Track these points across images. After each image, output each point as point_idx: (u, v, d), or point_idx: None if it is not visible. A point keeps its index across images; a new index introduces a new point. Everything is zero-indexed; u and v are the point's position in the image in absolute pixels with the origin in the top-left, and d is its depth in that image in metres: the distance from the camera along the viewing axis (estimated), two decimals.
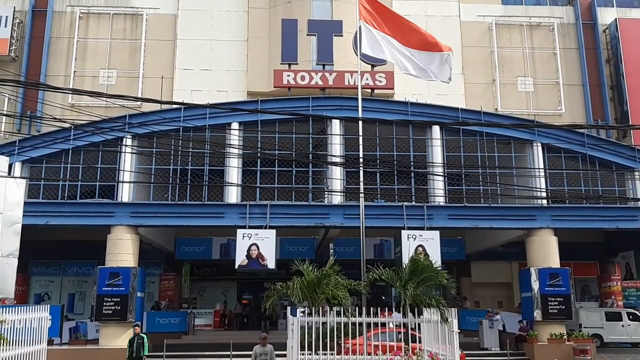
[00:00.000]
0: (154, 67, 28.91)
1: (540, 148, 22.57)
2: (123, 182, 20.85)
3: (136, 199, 21.54)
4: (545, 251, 21.73)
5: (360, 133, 19.24)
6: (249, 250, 20.51)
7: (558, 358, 20.39)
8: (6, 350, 13.27)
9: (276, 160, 21.55)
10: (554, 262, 21.71)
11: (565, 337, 21.03)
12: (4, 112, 24.64)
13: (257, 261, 20.59)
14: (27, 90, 25.64)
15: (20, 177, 18.73)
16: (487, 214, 21.83)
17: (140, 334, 16.38)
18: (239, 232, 20.60)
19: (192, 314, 27.78)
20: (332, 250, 25.21)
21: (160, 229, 23.56)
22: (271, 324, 29.15)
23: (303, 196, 22.35)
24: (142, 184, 21.95)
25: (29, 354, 14.20)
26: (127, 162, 21.23)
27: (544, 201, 22.29)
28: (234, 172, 21.49)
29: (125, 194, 21.29)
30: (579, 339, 21.24)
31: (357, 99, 20.29)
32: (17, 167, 21.08)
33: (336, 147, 21.65)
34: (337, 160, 21.20)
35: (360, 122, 19.23)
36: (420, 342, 13.94)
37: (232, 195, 21.51)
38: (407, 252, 19.38)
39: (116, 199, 21.26)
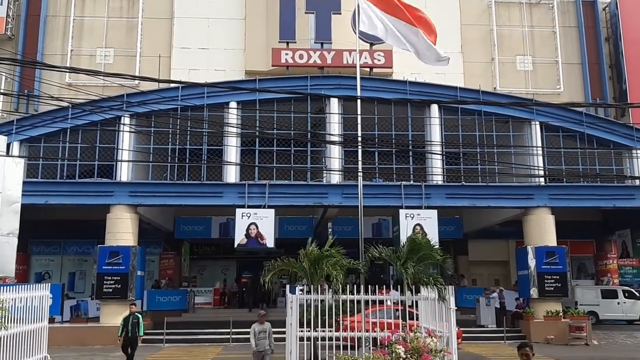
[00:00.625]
0: (151, 46, 28.64)
1: (538, 127, 22.53)
2: (122, 161, 20.80)
3: (135, 178, 21.53)
4: (542, 230, 21.83)
5: (359, 112, 19.17)
6: (248, 229, 20.58)
7: (554, 335, 20.62)
8: (8, 327, 13.37)
9: (274, 140, 21.49)
10: (551, 240, 21.82)
11: (561, 314, 21.24)
12: (1, 91, 24.45)
13: (256, 240, 20.67)
14: (24, 69, 25.44)
15: (19, 157, 18.70)
16: (484, 193, 21.87)
17: (136, 313, 15.72)
18: (238, 211, 20.64)
19: (192, 292, 27.99)
20: (330, 230, 25.30)
21: (160, 208, 23.60)
22: (270, 302, 29.40)
23: (302, 176, 22.35)
24: (140, 163, 21.91)
25: (31, 331, 14.31)
26: (126, 141, 21.17)
27: (542, 180, 22.34)
28: (232, 151, 21.46)
29: (124, 173, 21.28)
30: (575, 316, 21.46)
31: (355, 78, 20.14)
32: (16, 146, 21.02)
33: (335, 127, 21.58)
34: (336, 139, 21.14)
35: (358, 101, 19.15)
36: (417, 319, 14.05)
37: (231, 174, 21.50)
38: (405, 231, 19.46)
39: (115, 179, 21.25)
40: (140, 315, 15.64)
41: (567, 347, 19.82)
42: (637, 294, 26.82)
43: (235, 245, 20.84)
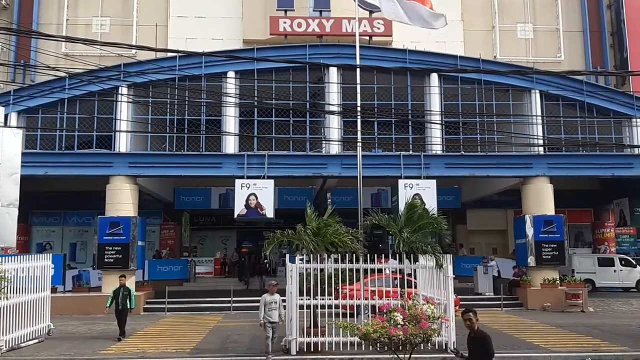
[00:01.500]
0: (147, 15, 28.27)
1: (538, 96, 22.41)
2: (120, 131, 20.73)
3: (134, 149, 21.49)
4: (541, 199, 21.91)
5: (358, 81, 19.05)
6: (247, 200, 20.64)
7: (550, 302, 20.88)
8: (11, 297, 13.54)
9: (273, 110, 21.38)
10: (549, 209, 21.92)
11: (557, 282, 21.47)
12: None
13: (255, 211, 20.75)
14: (20, 39, 25.14)
15: (17, 127, 18.62)
16: (483, 162, 21.88)
17: (127, 286, 15.40)
18: (237, 182, 20.68)
19: (192, 262, 28.25)
20: (329, 200, 25.38)
21: (159, 179, 23.63)
22: (270, 273, 29.69)
23: (301, 146, 22.31)
24: (139, 134, 21.85)
25: (34, 300, 14.51)
26: (124, 112, 21.07)
27: (541, 149, 22.32)
28: (231, 122, 21.37)
29: (123, 144, 21.23)
30: (571, 284, 21.70)
31: (354, 46, 20.01)
32: (13, 117, 20.91)
33: (334, 96, 21.45)
34: (335, 109, 21.04)
35: (358, 70, 19.02)
36: (415, 287, 14.22)
37: (230, 145, 21.46)
38: (404, 201, 19.47)
39: (114, 150, 21.21)
40: (131, 288, 15.34)
41: (563, 314, 20.09)
42: (634, 262, 27.09)
43: (235, 216, 20.93)
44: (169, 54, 21.43)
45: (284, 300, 13.36)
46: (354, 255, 13.63)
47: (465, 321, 6.88)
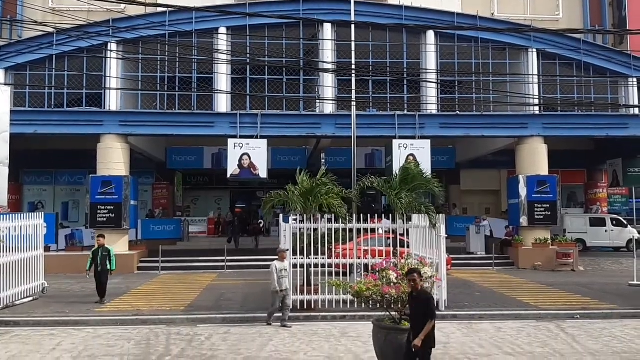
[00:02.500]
0: None
1: (535, 54, 22.20)
2: (110, 89, 20.46)
3: (124, 107, 21.26)
4: (535, 159, 21.98)
5: (353, 38, 18.79)
6: (240, 160, 20.60)
7: (541, 262, 21.21)
8: (5, 255, 13.60)
9: (266, 68, 21.11)
10: (543, 169, 22.03)
11: (549, 241, 21.75)
12: None
13: (249, 171, 20.74)
14: None
15: (5, 84, 18.33)
16: (478, 122, 21.83)
17: (106, 246, 14.54)
18: (230, 141, 20.58)
19: (186, 222, 28.40)
20: (323, 160, 25.38)
21: (151, 138, 23.48)
22: (265, 232, 29.90)
23: (294, 106, 22.13)
24: (129, 91, 21.58)
25: (27, 259, 14.59)
26: (114, 69, 20.76)
27: (536, 109, 22.26)
28: (223, 79, 21.12)
29: (113, 102, 20.99)
30: (563, 244, 21.99)
31: (349, 2, 19.64)
32: (1, 74, 20.57)
33: (328, 54, 21.18)
34: (329, 67, 20.80)
35: (352, 27, 18.72)
36: (408, 247, 14.38)
37: (222, 104, 21.27)
38: (398, 162, 19.53)
39: (104, 108, 20.98)
40: (111, 248, 14.58)
41: (553, 272, 20.43)
42: (625, 222, 27.44)
43: (228, 176, 20.91)
44: (159, 9, 20.99)
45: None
46: (348, 215, 13.71)
47: (410, 281, 7.06)
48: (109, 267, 14.27)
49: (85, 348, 10.09)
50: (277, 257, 12.25)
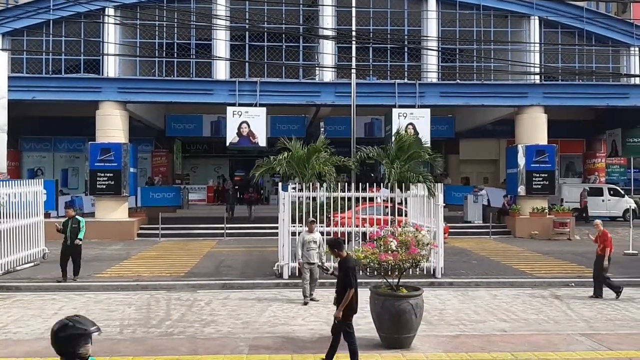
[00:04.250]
0: None
1: (537, 22, 21.93)
2: (108, 55, 20.24)
3: (122, 74, 21.08)
4: (534, 128, 21.92)
5: (354, 4, 18.52)
6: (239, 128, 20.53)
7: (538, 230, 21.35)
8: (5, 221, 13.67)
9: (265, 35, 20.86)
10: (542, 139, 21.99)
11: (546, 211, 21.86)
12: None
13: (248, 139, 20.70)
14: None
15: (2, 50, 18.13)
16: (478, 91, 21.71)
17: (77, 217, 13.13)
18: (229, 109, 20.48)
19: (185, 190, 28.44)
20: (322, 129, 25.27)
21: (150, 105, 23.37)
22: (264, 200, 29.99)
23: (294, 73, 21.95)
24: (128, 58, 21.36)
25: (27, 225, 14.66)
26: (112, 35, 20.51)
27: (537, 78, 22.09)
28: (222, 46, 20.89)
29: (112, 69, 20.80)
30: (560, 213, 22.11)
31: None
32: None
33: (328, 20, 20.91)
34: (329, 34, 20.54)
35: None
36: (406, 215, 14.46)
37: (221, 71, 21.09)
38: (397, 131, 19.48)
39: (102, 74, 20.80)
40: (81, 219, 13.14)
41: (549, 241, 20.59)
42: (622, 192, 27.51)
43: (227, 144, 20.89)
44: None
45: (276, 228, 13.57)
46: (346, 184, 13.76)
47: (330, 253, 7.59)
48: (80, 240, 12.89)
49: (86, 313, 10.20)
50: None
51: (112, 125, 20.66)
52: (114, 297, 11.51)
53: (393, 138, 14.77)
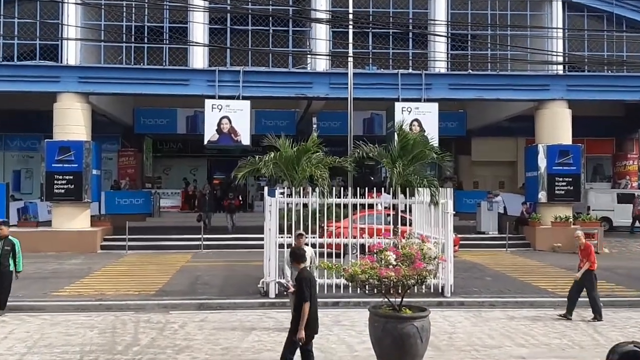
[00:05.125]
0: None
1: (559, 5, 22.06)
2: (68, 39, 20.18)
3: (85, 61, 21.02)
4: (557, 126, 22.03)
5: None
6: (219, 123, 20.52)
7: (561, 243, 21.39)
8: None
9: (249, 17, 20.87)
10: (566, 138, 22.10)
11: (570, 220, 21.95)
12: None
13: (229, 136, 20.68)
14: None
15: None
16: (493, 83, 21.80)
17: (10, 238, 11.83)
18: (208, 102, 20.46)
19: (156, 195, 28.34)
20: (315, 125, 25.28)
21: (116, 98, 23.31)
22: (247, 207, 29.89)
23: (282, 62, 21.97)
24: (91, 43, 21.31)
25: None
26: (72, 16, 20.43)
27: (560, 69, 22.21)
28: (199, 30, 20.86)
29: (72, 55, 20.74)
30: (586, 222, 22.17)
31: None
32: None
33: (321, 1, 20.94)
34: (323, 16, 20.58)
35: None
36: (410, 225, 14.48)
37: (198, 59, 21.07)
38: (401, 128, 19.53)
39: (61, 62, 20.73)
40: (16, 241, 11.89)
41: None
42: None
43: (205, 142, 20.86)
44: None
45: (261, 239, 13.52)
46: (342, 188, 13.76)
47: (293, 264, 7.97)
48: (12, 267, 11.70)
49: (41, 337, 10.14)
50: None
51: (73, 121, 20.58)
52: (74, 319, 11.42)
53: (396, 136, 14.79)
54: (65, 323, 11.12)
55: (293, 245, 11.09)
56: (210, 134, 20.62)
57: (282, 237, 13.01)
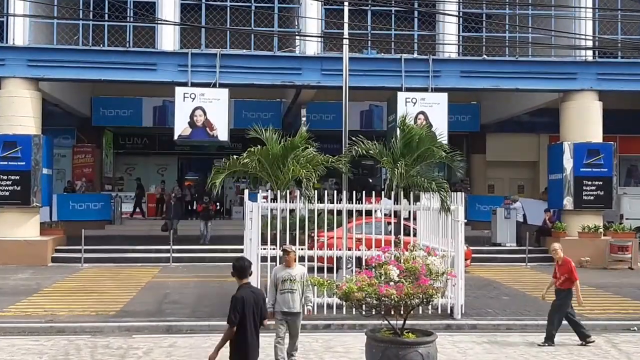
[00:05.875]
0: None
1: None
2: (15, 15, 20.12)
3: (35, 42, 20.96)
4: (585, 121, 22.11)
5: None
6: (192, 115, 20.50)
7: (590, 256, 21.47)
8: None
9: None
10: (595, 135, 22.20)
11: (601, 230, 22.02)
12: None
13: (203, 130, 20.66)
14: None
15: None
16: (512, 70, 21.86)
17: None
18: (179, 91, 20.43)
19: (118, 198, 28.28)
20: (304, 119, 25.30)
21: (71, 84, 23.28)
22: (224, 213, 29.87)
23: (266, 44, 21.98)
24: (41, 21, 21.25)
25: None
26: None
27: (589, 54, 22.30)
28: (169, 6, 20.84)
29: (19, 35, 20.65)
30: (619, 233, 22.27)
31: None
32: None
33: None
34: None
35: None
36: (415, 235, 14.50)
37: (168, 39, 21.03)
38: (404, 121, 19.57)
39: (6, 42, 20.66)
40: None
41: (605, 271, 20.75)
42: None
43: (176, 137, 20.83)
44: None
45: (240, 251, 13.49)
46: (336, 192, 13.77)
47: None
48: None
49: None
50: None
51: (20, 111, 20.52)
52: (19, 344, 11.36)
53: (398, 131, 14.81)
54: (9, 349, 11.05)
55: (278, 266, 10.34)
56: (181, 127, 20.59)
57: (265, 249, 13.00)
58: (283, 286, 9.56)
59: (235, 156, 14.31)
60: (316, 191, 13.43)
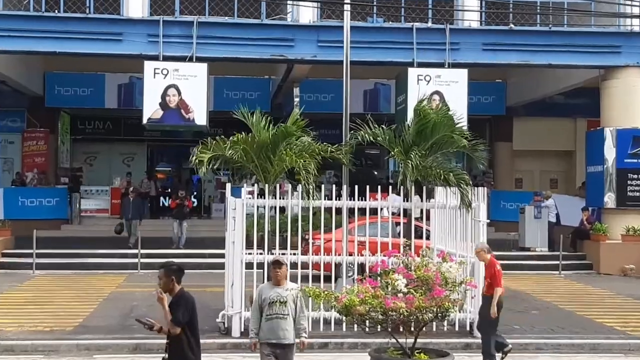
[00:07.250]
0: None
1: None
2: None
3: None
4: (630, 103, 22.14)
5: None
6: (164, 95, 20.48)
7: (634, 264, 21.54)
8: None
9: None
10: None
11: None
12: None
13: (177, 113, 20.65)
14: None
15: None
16: (543, 42, 21.88)
17: None
18: (148, 65, 20.42)
19: (76, 194, 28.28)
20: (297, 99, 25.33)
21: (20, 57, 23.30)
22: (203, 211, 29.90)
23: (252, 10, 21.97)
24: None
25: None
26: None
27: (636, 24, 22.33)
28: None
29: None
30: None
31: None
32: None
33: None
34: None
35: None
36: (428, 238, 14.54)
37: (136, 5, 21.07)
38: (416, 103, 19.59)
39: None
40: None
41: None
42: None
43: (145, 121, 20.82)
44: None
45: (221, 256, 13.49)
46: (334, 186, 13.80)
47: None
48: None
49: None
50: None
51: None
52: None
53: (410, 114, 14.82)
54: None
55: (264, 284, 9.46)
56: (151, 109, 20.57)
57: (250, 254, 13.02)
58: (271, 310, 8.62)
59: (222, 137, 14.21)
60: (312, 184, 13.45)
